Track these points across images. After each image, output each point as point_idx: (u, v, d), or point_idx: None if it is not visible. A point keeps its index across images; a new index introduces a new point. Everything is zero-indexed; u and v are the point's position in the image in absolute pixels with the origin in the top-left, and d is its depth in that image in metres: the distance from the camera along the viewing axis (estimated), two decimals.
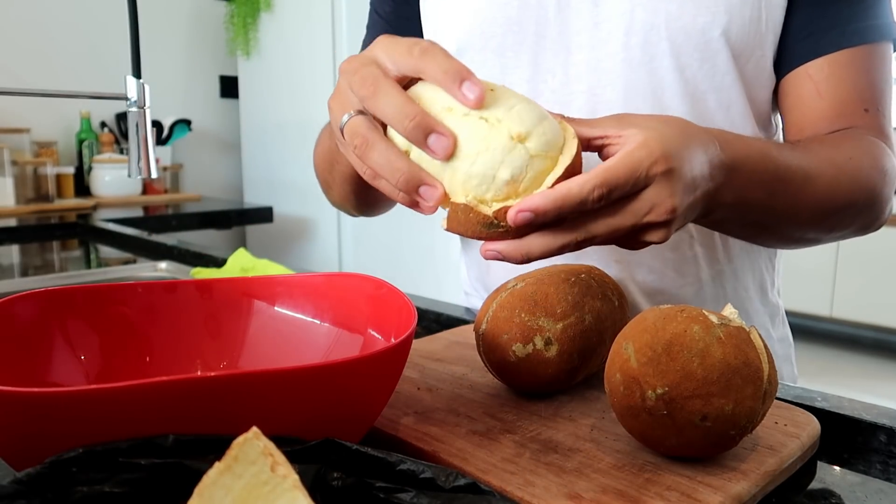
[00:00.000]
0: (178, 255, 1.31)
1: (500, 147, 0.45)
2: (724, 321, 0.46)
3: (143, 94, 0.83)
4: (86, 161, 2.45)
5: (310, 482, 0.36)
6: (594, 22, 0.70)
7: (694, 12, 0.66)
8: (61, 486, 0.33)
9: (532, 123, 0.47)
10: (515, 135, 0.46)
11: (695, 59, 0.68)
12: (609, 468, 0.46)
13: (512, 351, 0.53)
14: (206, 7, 2.87)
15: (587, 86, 0.71)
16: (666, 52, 0.68)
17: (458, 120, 0.46)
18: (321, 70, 2.55)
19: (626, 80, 0.70)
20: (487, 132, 0.46)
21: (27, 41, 2.41)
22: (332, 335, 0.57)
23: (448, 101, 0.47)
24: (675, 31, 0.67)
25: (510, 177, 0.46)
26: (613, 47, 0.69)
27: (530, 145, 0.46)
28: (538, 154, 0.46)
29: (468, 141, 0.46)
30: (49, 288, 0.53)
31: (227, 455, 0.31)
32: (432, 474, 0.35)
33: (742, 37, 0.67)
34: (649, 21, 0.68)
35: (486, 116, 0.46)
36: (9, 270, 1.38)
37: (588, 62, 0.71)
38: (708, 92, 0.70)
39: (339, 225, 2.62)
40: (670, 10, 0.67)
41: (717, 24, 0.66)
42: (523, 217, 0.45)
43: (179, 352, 0.57)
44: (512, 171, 0.46)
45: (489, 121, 0.46)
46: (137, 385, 0.36)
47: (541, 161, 0.46)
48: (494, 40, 0.73)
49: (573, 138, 0.49)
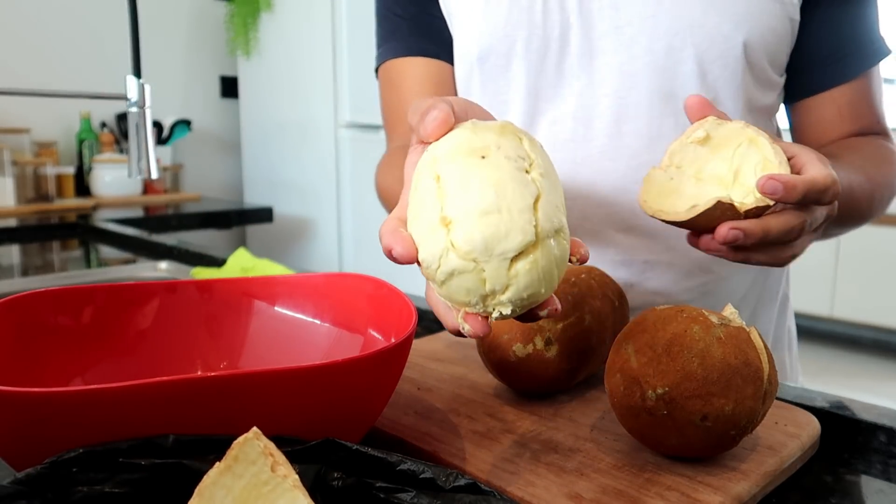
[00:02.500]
0: (179, 255, 1.31)
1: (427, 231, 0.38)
2: (724, 321, 0.46)
3: (144, 94, 0.83)
4: (86, 161, 2.45)
5: (310, 482, 0.36)
6: (616, 26, 0.71)
7: (717, 19, 0.68)
8: (61, 487, 0.33)
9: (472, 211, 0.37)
10: (441, 217, 0.37)
11: (717, 66, 0.69)
12: (609, 468, 0.46)
13: (512, 351, 0.53)
14: (207, 7, 2.87)
15: (612, 89, 0.72)
16: (690, 56, 0.69)
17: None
18: (321, 70, 2.55)
19: (650, 83, 0.71)
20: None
21: (27, 41, 2.41)
22: (332, 335, 0.57)
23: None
24: (700, 36, 0.69)
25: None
26: (636, 51, 0.70)
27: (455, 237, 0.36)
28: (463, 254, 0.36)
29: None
30: (50, 288, 0.53)
31: (227, 455, 0.31)
32: (432, 474, 0.35)
33: (761, 46, 0.70)
34: (673, 26, 0.69)
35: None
36: (9, 270, 1.38)
37: (611, 66, 0.71)
38: (727, 98, 0.71)
39: (339, 225, 2.62)
40: (694, 16, 0.68)
41: (741, 32, 0.68)
42: (772, 186, 0.46)
43: (179, 352, 0.57)
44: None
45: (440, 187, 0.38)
46: (137, 385, 0.36)
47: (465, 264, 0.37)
48: (519, 45, 0.73)
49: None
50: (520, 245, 0.36)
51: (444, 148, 0.40)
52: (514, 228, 0.36)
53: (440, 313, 0.41)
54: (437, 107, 0.41)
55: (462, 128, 0.41)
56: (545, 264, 0.37)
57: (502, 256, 0.36)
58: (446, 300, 0.39)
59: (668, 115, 0.71)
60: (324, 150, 2.60)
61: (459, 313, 0.39)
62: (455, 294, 0.37)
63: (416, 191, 0.40)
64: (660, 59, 0.70)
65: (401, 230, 0.39)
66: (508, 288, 0.36)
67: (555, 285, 0.38)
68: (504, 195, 0.36)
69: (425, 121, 0.41)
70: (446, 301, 0.39)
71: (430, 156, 0.40)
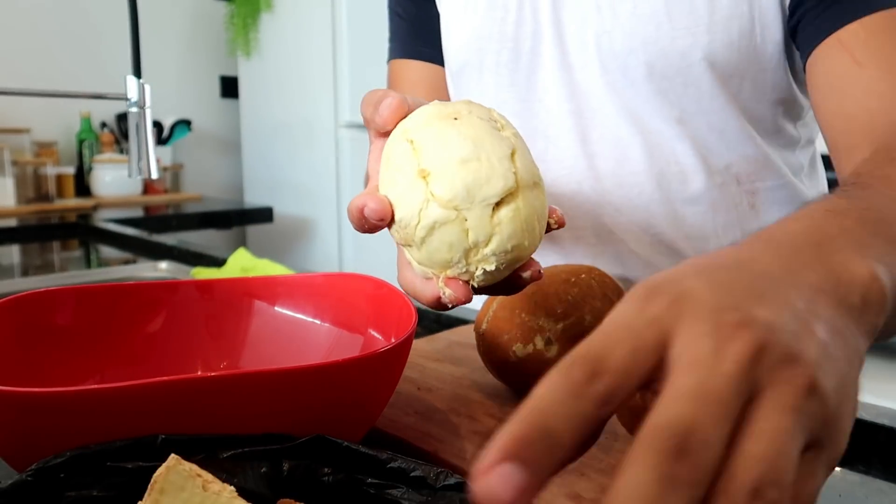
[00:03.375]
0: (179, 255, 1.31)
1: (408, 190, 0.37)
2: None
3: (144, 94, 0.83)
4: (86, 161, 2.45)
5: (300, 477, 0.36)
6: (581, 40, 0.67)
7: (672, 34, 0.63)
8: (50, 493, 0.33)
9: (444, 160, 0.36)
10: (418, 171, 0.36)
11: (677, 84, 0.64)
12: (609, 468, 0.46)
13: (512, 351, 0.53)
14: (207, 7, 2.87)
15: (576, 106, 0.69)
16: (644, 76, 0.65)
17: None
18: (321, 70, 2.55)
19: (609, 103, 0.67)
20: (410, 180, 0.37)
21: (27, 41, 2.41)
22: (332, 335, 0.57)
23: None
24: (653, 54, 0.64)
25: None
26: (594, 69, 0.67)
27: (434, 187, 0.35)
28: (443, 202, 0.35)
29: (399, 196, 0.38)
30: (50, 288, 0.53)
31: (151, 489, 0.30)
32: (422, 472, 0.36)
33: (730, 57, 0.63)
34: (627, 45, 0.65)
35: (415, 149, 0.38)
36: (9, 270, 1.38)
37: (578, 83, 0.68)
38: (696, 115, 0.66)
39: (339, 225, 2.62)
40: (648, 33, 0.63)
41: (698, 47, 0.62)
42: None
43: (179, 352, 0.57)
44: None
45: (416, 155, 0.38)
46: (137, 385, 0.36)
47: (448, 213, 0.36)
48: (490, 57, 0.71)
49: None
50: (502, 190, 0.35)
51: (414, 119, 0.39)
52: (495, 175, 0.35)
53: (417, 288, 0.38)
54: (389, 94, 0.40)
55: (427, 105, 0.40)
56: (527, 214, 0.36)
57: (485, 202, 0.35)
58: (425, 265, 0.38)
59: (633, 135, 0.68)
60: (324, 150, 2.60)
61: (440, 279, 0.37)
62: (436, 253, 0.36)
63: (389, 160, 0.39)
64: (617, 79, 0.66)
65: (373, 192, 0.38)
66: (492, 238, 0.35)
67: (536, 241, 0.37)
68: (482, 145, 0.36)
69: (380, 109, 0.40)
70: (425, 268, 0.38)
71: (400, 129, 0.39)
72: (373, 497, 0.35)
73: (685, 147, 0.67)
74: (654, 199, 0.69)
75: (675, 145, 0.67)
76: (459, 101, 0.40)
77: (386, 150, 0.39)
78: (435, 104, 0.40)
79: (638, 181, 0.69)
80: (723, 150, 0.68)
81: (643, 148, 0.68)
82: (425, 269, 0.38)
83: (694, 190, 0.69)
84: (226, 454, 0.36)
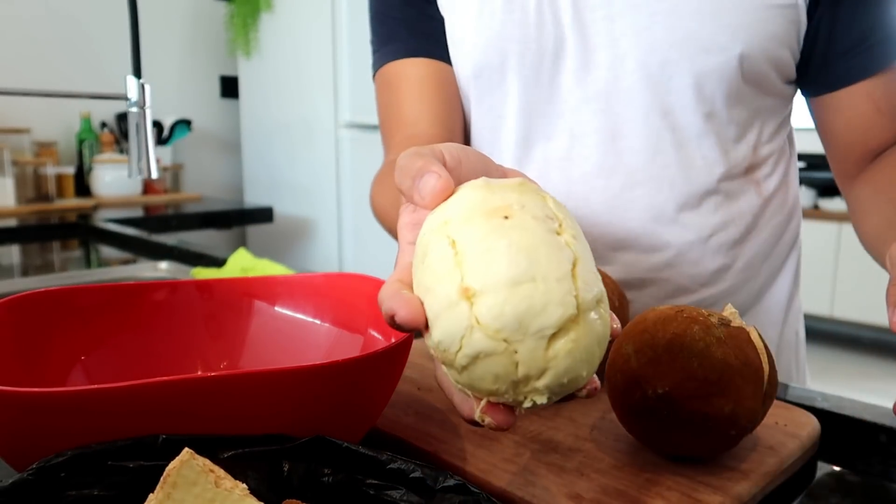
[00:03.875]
0: (179, 255, 1.31)
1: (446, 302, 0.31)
2: (724, 321, 0.46)
3: (144, 94, 0.83)
4: (86, 161, 2.45)
5: (300, 478, 0.36)
6: (611, 38, 0.69)
7: (713, 31, 0.66)
8: (50, 492, 0.33)
9: (493, 277, 0.30)
10: (461, 288, 0.31)
11: (713, 78, 0.67)
12: (609, 468, 0.46)
13: None
14: (207, 7, 2.87)
15: (605, 104, 0.70)
16: (686, 69, 0.67)
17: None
18: (321, 70, 2.55)
19: (644, 98, 0.69)
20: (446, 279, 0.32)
21: (27, 41, 2.41)
22: (332, 335, 0.57)
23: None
24: (695, 49, 0.66)
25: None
26: (630, 65, 0.68)
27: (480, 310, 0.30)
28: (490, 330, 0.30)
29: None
30: (50, 288, 0.53)
31: (163, 482, 0.30)
32: (422, 474, 0.35)
33: (761, 56, 0.67)
34: (668, 39, 0.67)
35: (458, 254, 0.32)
36: (9, 270, 1.38)
37: (606, 80, 0.70)
38: (723, 110, 0.70)
39: (339, 225, 2.62)
40: (690, 28, 0.66)
41: (738, 44, 0.66)
42: None
43: (179, 352, 0.57)
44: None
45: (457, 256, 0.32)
46: (137, 385, 0.36)
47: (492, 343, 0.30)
48: (512, 59, 0.71)
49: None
50: (559, 320, 0.30)
51: (456, 209, 0.33)
52: (552, 301, 0.30)
53: (454, 398, 0.34)
54: (431, 170, 0.34)
55: (472, 187, 0.34)
56: (587, 343, 0.31)
57: (539, 335, 0.30)
58: (466, 388, 0.32)
59: (664, 129, 0.69)
60: (324, 150, 2.60)
61: (480, 403, 0.32)
62: (480, 382, 0.31)
63: (426, 258, 0.33)
64: (654, 73, 0.68)
65: (404, 292, 0.33)
66: (546, 373, 0.30)
67: (595, 367, 0.32)
68: (537, 261, 0.30)
69: (419, 188, 0.35)
70: (465, 389, 0.33)
71: (440, 218, 0.33)
72: (372, 498, 0.35)
73: (711, 142, 0.71)
74: (681, 192, 0.72)
75: (703, 140, 0.70)
76: (510, 183, 0.34)
77: (423, 238, 0.34)
78: (481, 188, 0.34)
79: (668, 174, 0.71)
80: (740, 143, 0.72)
81: (672, 146, 0.70)
82: (465, 389, 0.33)
83: (713, 181, 0.72)
84: (226, 454, 0.36)
